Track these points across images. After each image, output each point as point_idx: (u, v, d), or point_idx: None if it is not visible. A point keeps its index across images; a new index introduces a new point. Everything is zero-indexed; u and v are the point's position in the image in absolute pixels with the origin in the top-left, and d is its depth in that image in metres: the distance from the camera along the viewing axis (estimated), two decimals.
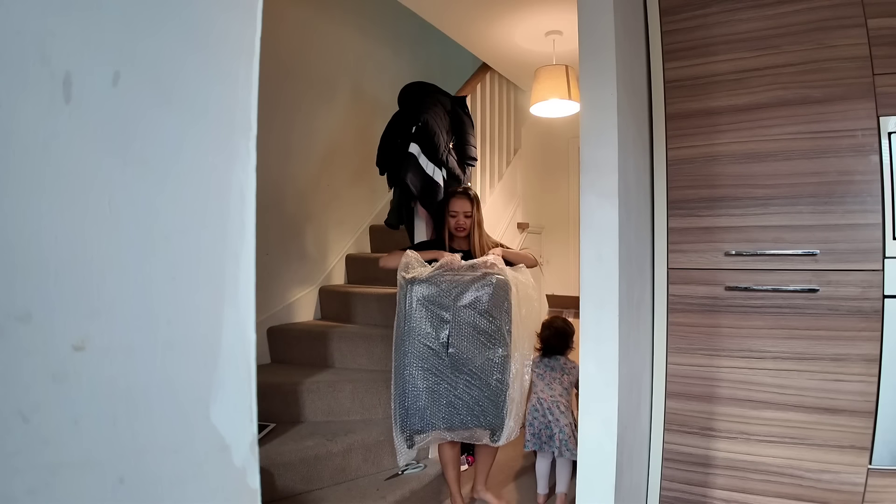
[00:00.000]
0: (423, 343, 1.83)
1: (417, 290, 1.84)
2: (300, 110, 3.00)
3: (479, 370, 1.85)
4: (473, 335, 1.85)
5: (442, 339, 1.83)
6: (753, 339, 1.51)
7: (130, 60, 0.34)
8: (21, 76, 0.29)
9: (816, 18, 1.44)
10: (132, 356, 0.34)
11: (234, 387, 0.40)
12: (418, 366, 1.82)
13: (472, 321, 1.85)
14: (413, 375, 1.82)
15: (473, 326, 1.85)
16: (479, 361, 1.85)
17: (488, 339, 1.87)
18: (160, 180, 0.36)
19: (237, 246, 0.40)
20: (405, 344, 1.82)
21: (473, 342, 1.85)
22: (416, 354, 1.82)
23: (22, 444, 0.29)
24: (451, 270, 1.90)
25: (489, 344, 1.87)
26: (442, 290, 1.85)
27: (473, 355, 1.84)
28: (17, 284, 0.29)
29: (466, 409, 1.84)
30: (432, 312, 1.84)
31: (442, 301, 1.84)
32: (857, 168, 1.39)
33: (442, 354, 1.83)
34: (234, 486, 0.40)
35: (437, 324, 1.84)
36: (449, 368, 1.83)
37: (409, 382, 1.82)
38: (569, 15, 2.59)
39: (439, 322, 1.84)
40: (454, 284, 1.86)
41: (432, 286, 1.85)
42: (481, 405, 1.86)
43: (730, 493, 1.53)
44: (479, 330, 1.86)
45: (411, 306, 1.83)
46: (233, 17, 0.40)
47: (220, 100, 0.39)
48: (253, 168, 0.41)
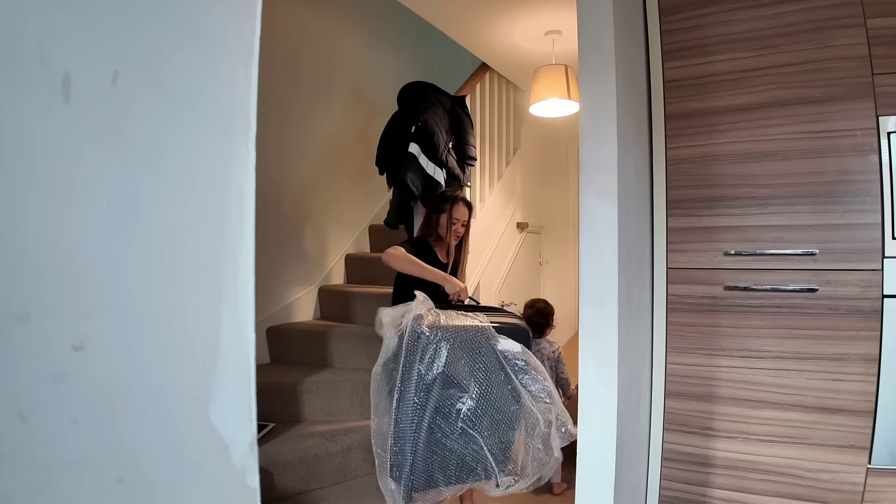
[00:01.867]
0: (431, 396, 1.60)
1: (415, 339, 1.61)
2: (300, 110, 3.00)
3: (494, 423, 1.63)
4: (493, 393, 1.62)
5: (457, 403, 1.61)
6: (753, 339, 1.51)
7: (129, 59, 0.34)
8: (20, 75, 0.29)
9: (816, 18, 1.44)
10: (131, 356, 0.34)
11: (234, 386, 0.40)
12: (425, 419, 1.60)
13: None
14: (419, 429, 1.59)
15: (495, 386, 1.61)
16: (495, 415, 1.63)
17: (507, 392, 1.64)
18: (159, 180, 0.36)
19: (236, 245, 0.40)
20: (407, 395, 1.61)
21: (491, 399, 1.62)
22: (421, 406, 1.60)
23: (21, 445, 0.29)
24: (456, 302, 1.77)
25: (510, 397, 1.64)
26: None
27: (491, 409, 1.62)
28: (15, 284, 0.29)
29: (474, 462, 1.62)
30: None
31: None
32: (857, 168, 1.39)
33: (452, 411, 1.61)
34: (234, 485, 0.40)
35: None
36: (461, 423, 1.61)
37: (413, 437, 1.60)
38: (568, 14, 2.59)
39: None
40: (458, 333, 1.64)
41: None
42: (487, 457, 1.63)
43: (729, 493, 1.53)
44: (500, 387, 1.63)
45: (413, 356, 1.61)
46: (232, 16, 0.40)
47: (220, 99, 0.39)
48: (252, 167, 0.41)
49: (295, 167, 2.98)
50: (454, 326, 1.64)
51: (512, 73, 3.47)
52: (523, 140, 3.81)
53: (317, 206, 3.14)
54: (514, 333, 1.69)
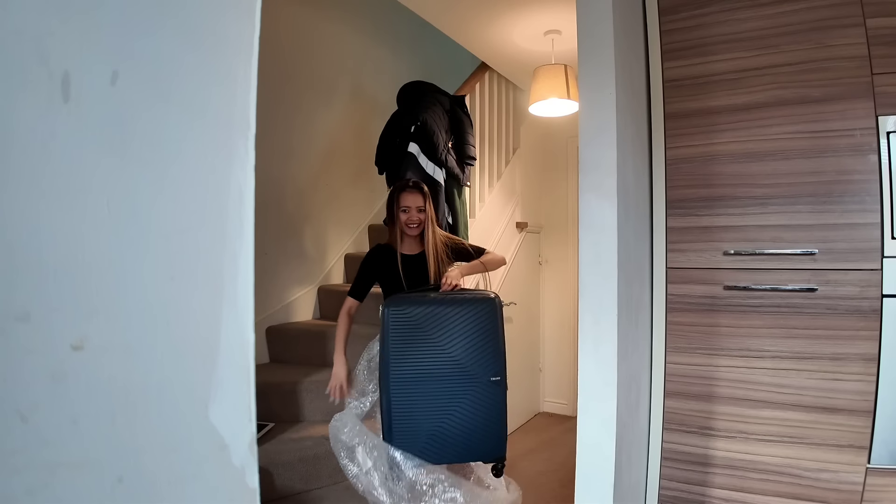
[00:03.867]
0: (407, 375, 1.66)
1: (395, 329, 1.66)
2: (299, 109, 3.00)
3: (473, 400, 1.67)
4: (462, 365, 1.67)
5: (429, 370, 1.66)
6: (752, 339, 1.51)
7: (129, 60, 0.34)
8: (19, 75, 0.29)
9: (815, 18, 1.44)
10: (131, 356, 0.34)
11: (233, 386, 0.40)
12: (404, 398, 1.65)
13: (461, 351, 1.67)
14: (399, 407, 1.65)
15: (460, 358, 1.67)
16: (470, 391, 1.67)
17: (480, 366, 1.69)
18: (159, 180, 0.36)
19: (236, 245, 0.40)
20: (387, 376, 1.66)
21: (463, 371, 1.67)
22: (400, 387, 1.66)
23: (21, 444, 0.29)
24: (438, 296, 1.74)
25: (482, 371, 1.68)
26: (423, 327, 1.66)
27: (464, 385, 1.67)
28: (15, 284, 0.29)
29: (459, 443, 1.66)
30: (416, 347, 1.67)
31: (427, 334, 1.66)
32: (856, 167, 1.39)
33: (429, 386, 1.66)
34: (233, 485, 0.40)
35: (423, 356, 1.67)
36: (438, 400, 1.66)
37: (394, 416, 1.65)
38: (568, 14, 2.59)
39: (424, 355, 1.67)
40: (433, 316, 1.67)
41: (411, 324, 1.66)
42: (476, 437, 1.67)
43: (728, 493, 1.53)
44: (466, 360, 1.67)
45: (389, 340, 1.67)
46: (231, 16, 0.40)
47: (219, 99, 0.39)
48: (251, 167, 0.41)
49: (294, 167, 2.98)
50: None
51: (511, 72, 3.47)
52: (523, 140, 3.81)
53: (316, 206, 3.14)
54: (477, 302, 1.69)
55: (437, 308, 1.67)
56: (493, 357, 1.68)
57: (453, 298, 1.70)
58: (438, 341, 1.66)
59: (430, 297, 1.71)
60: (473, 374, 1.67)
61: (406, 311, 1.67)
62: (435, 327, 1.67)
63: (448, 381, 1.66)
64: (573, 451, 1.37)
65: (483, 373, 1.68)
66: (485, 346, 1.68)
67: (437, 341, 1.66)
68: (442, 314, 1.67)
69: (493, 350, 1.68)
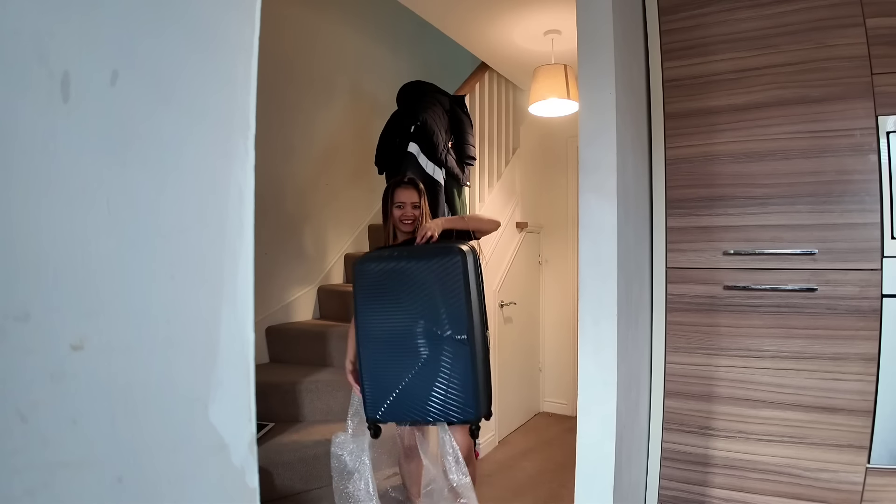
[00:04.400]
0: (374, 332, 1.66)
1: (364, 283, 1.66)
2: (299, 109, 3.00)
3: (440, 360, 1.62)
4: (426, 323, 1.62)
5: (399, 328, 1.64)
6: (752, 339, 1.51)
7: (129, 60, 0.34)
8: (19, 75, 0.29)
9: (815, 18, 1.44)
10: (131, 355, 0.34)
11: (233, 386, 0.40)
12: (371, 355, 1.66)
13: (423, 309, 1.62)
14: (374, 364, 1.65)
15: (427, 313, 1.61)
16: (437, 350, 1.62)
17: (444, 324, 1.61)
18: (158, 179, 0.36)
19: (236, 245, 0.40)
20: (358, 332, 1.68)
21: (427, 330, 1.62)
22: (368, 344, 1.66)
23: (20, 444, 0.29)
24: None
25: (447, 329, 1.61)
26: (390, 280, 1.64)
27: (428, 344, 1.62)
28: (15, 284, 0.29)
29: (427, 402, 1.62)
30: (381, 304, 1.66)
31: (391, 291, 1.64)
32: (856, 167, 1.39)
33: (394, 344, 1.64)
34: (233, 485, 0.40)
35: (387, 313, 1.65)
36: (403, 359, 1.63)
37: (363, 372, 1.66)
38: (567, 14, 2.59)
39: (388, 312, 1.65)
40: (397, 273, 1.64)
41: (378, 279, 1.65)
42: (448, 398, 1.61)
43: (728, 492, 1.53)
44: (433, 315, 1.62)
45: (357, 297, 1.68)
46: (231, 16, 0.40)
47: (219, 99, 0.39)
48: (251, 167, 0.41)
49: (294, 167, 2.98)
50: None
51: (511, 72, 3.47)
52: (522, 140, 3.81)
53: (316, 206, 3.14)
54: (441, 256, 1.61)
55: (399, 264, 1.63)
56: (459, 315, 1.57)
57: (419, 253, 1.64)
58: (401, 299, 1.63)
59: (396, 254, 1.66)
60: (437, 332, 1.60)
61: (370, 266, 1.65)
62: (398, 284, 1.63)
63: (412, 339, 1.61)
64: (573, 451, 1.37)
65: (448, 331, 1.59)
66: (449, 303, 1.59)
67: (400, 299, 1.63)
68: (405, 270, 1.62)
69: (459, 308, 1.58)
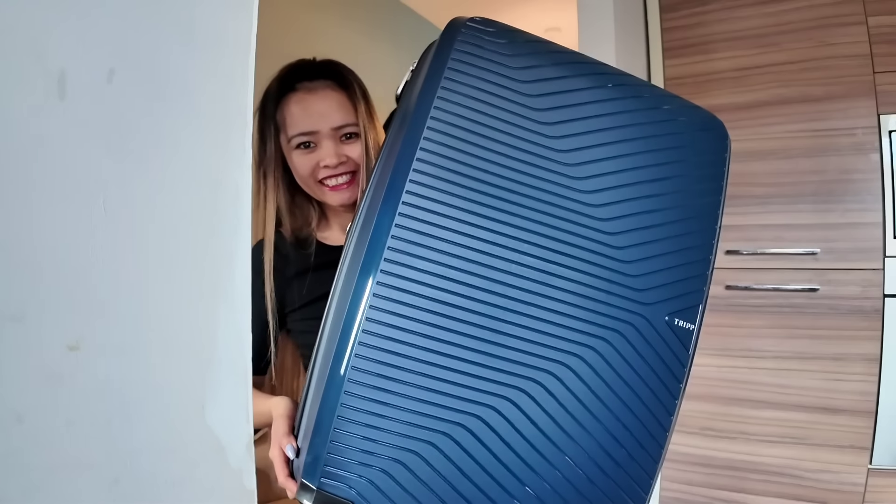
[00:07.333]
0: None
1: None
2: None
3: None
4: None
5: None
6: (753, 339, 1.51)
7: (125, 57, 0.34)
8: (15, 73, 0.29)
9: (817, 16, 1.44)
10: (127, 356, 0.34)
11: (230, 387, 0.39)
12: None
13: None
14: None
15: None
16: None
17: None
18: (155, 178, 0.36)
19: (233, 245, 0.40)
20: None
21: None
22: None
23: (16, 446, 0.29)
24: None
25: None
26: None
27: None
28: (10, 284, 0.28)
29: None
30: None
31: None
32: (858, 166, 1.39)
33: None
34: (230, 487, 0.40)
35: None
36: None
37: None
38: (568, 11, 2.59)
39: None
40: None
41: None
42: None
43: (729, 494, 1.53)
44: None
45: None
46: (228, 14, 0.40)
47: (216, 97, 0.39)
48: (248, 166, 0.40)
49: None
50: None
51: None
52: None
53: None
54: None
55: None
56: None
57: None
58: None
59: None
60: None
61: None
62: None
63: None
64: None
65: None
66: None
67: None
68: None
69: None
